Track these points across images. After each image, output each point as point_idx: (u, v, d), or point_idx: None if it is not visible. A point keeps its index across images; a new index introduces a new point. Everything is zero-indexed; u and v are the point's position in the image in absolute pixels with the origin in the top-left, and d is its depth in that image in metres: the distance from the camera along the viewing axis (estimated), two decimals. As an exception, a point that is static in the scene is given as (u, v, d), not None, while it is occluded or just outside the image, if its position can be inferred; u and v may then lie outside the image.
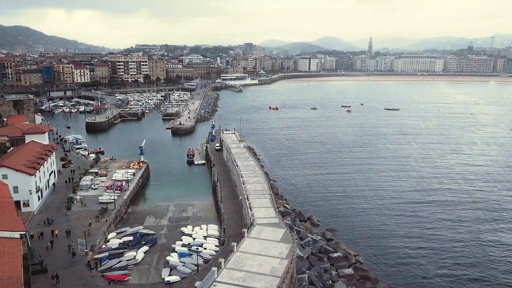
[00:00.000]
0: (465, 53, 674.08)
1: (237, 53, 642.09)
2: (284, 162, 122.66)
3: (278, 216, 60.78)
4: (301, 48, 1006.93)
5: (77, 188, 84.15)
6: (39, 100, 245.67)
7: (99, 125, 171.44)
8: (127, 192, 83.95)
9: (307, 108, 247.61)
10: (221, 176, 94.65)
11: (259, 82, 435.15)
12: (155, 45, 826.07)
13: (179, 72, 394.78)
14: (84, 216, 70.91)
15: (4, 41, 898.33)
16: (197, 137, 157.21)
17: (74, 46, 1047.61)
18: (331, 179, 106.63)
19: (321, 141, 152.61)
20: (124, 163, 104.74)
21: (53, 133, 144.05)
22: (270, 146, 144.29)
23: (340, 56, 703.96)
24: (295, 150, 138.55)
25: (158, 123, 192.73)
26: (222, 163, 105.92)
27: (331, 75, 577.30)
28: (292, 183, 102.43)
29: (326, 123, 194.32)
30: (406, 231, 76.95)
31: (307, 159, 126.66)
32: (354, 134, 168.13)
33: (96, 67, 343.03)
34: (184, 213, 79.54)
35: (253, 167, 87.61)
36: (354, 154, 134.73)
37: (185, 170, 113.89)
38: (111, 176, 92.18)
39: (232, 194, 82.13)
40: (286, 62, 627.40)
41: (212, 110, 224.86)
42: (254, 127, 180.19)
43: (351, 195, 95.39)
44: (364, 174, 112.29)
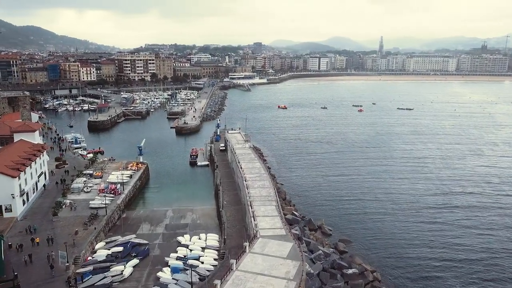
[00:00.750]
0: (478, 53, 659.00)
1: (246, 52, 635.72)
2: (293, 163, 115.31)
3: (285, 227, 53.53)
4: (311, 48, 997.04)
5: (68, 191, 77.78)
6: (43, 98, 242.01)
7: (101, 124, 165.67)
8: (122, 196, 77.33)
9: (317, 107, 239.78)
10: (225, 179, 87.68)
11: (268, 81, 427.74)
12: (165, 44, 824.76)
13: (187, 70, 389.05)
14: (72, 223, 64.40)
15: (16, 41, 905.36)
16: (202, 137, 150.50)
17: (85, 46, 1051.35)
18: (343, 182, 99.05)
19: (331, 141, 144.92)
20: (122, 164, 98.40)
21: (52, 131, 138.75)
22: (278, 146, 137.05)
23: (351, 55, 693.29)
24: (304, 150, 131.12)
25: (163, 122, 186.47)
26: (226, 165, 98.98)
27: (341, 74, 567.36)
28: (301, 186, 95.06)
29: (337, 122, 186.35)
30: (428, 240, 69.34)
31: (317, 160, 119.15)
32: (366, 134, 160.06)
33: (103, 65, 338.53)
34: (183, 220, 72.67)
35: (259, 169, 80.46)
36: (367, 155, 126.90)
37: (187, 172, 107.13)
38: (107, 178, 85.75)
39: (235, 199, 75.09)
40: (295, 61, 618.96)
41: (219, 109, 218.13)
42: (262, 127, 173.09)
43: (365, 199, 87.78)
44: (379, 177, 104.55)
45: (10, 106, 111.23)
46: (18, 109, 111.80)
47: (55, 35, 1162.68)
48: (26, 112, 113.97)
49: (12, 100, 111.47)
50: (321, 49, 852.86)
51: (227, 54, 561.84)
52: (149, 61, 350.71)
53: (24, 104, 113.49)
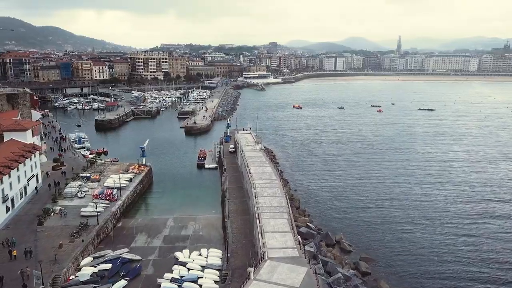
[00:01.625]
0: (501, 52, 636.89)
1: (261, 51, 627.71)
2: (307, 166, 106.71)
3: (298, 246, 45.24)
4: (327, 48, 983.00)
5: (60, 197, 70.89)
6: (54, 96, 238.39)
7: (108, 123, 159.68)
8: (118, 202, 70.04)
9: (333, 107, 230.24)
10: (233, 184, 79.79)
11: (283, 81, 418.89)
12: (180, 44, 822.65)
13: (200, 70, 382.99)
14: (58, 234, 57.30)
15: (35, 40, 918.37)
16: (212, 137, 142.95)
17: (102, 45, 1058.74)
18: (362, 188, 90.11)
19: (349, 142, 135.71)
20: (124, 166, 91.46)
21: (56, 130, 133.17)
22: (292, 147, 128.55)
23: (368, 55, 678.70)
24: (320, 152, 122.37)
25: (173, 121, 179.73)
26: (235, 168, 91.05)
27: (358, 74, 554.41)
28: (317, 193, 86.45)
29: (355, 123, 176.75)
30: (464, 257, 60.43)
31: (334, 163, 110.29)
32: (386, 135, 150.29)
33: (116, 64, 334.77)
34: (184, 230, 64.94)
35: (270, 174, 72.25)
36: (389, 158, 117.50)
37: (194, 175, 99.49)
38: (105, 182, 78.70)
39: (243, 208, 67.08)
40: (311, 61, 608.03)
41: (231, 108, 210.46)
42: (275, 127, 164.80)
43: (388, 208, 78.83)
44: (402, 182, 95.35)
45: (9, 103, 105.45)
46: (17, 106, 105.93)
47: (73, 35, 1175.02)
48: (26, 110, 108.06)
49: (11, 97, 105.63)
50: (337, 49, 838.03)
51: (242, 54, 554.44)
52: (162, 60, 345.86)
53: (24, 102, 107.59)
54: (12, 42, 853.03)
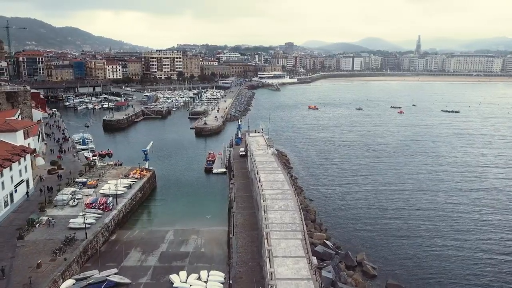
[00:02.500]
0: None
1: (276, 51, 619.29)
2: (324, 172, 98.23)
3: (314, 276, 37.15)
4: (343, 48, 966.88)
5: (49, 205, 64.24)
6: (65, 96, 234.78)
7: (116, 123, 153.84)
8: (113, 212, 63.00)
9: (351, 108, 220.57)
10: (241, 192, 72.07)
11: (299, 81, 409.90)
12: (196, 44, 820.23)
13: (215, 69, 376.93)
14: (40, 250, 50.48)
15: (54, 41, 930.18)
16: (224, 139, 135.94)
17: (120, 46, 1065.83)
18: (386, 197, 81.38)
19: (369, 146, 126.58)
20: (125, 171, 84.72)
21: (60, 130, 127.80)
22: (307, 151, 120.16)
23: (386, 55, 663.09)
24: (337, 156, 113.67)
25: (184, 122, 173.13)
26: (245, 174, 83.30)
27: (376, 74, 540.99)
28: (335, 203, 78.05)
29: (375, 125, 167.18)
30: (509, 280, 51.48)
31: (353, 169, 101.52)
32: (409, 138, 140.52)
33: (129, 63, 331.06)
34: (184, 246, 57.47)
35: (282, 183, 64.22)
36: (413, 163, 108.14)
37: (201, 181, 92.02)
38: (101, 188, 71.91)
39: (251, 222, 59.27)
40: (328, 61, 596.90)
41: (245, 109, 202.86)
42: (289, 129, 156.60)
43: (415, 220, 70.11)
44: (429, 190, 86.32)
45: (8, 102, 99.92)
46: (17, 105, 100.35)
47: (92, 35, 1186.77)
48: (26, 109, 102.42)
49: (11, 96, 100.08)
50: (354, 50, 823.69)
51: (257, 53, 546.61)
52: (176, 59, 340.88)
53: (25, 100, 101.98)
54: (33, 43, 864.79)
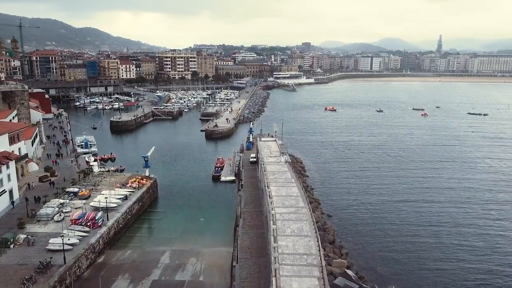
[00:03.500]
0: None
1: (293, 51, 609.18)
2: (344, 182, 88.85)
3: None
4: (361, 49, 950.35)
5: (31, 220, 56.80)
6: (77, 95, 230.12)
7: (124, 124, 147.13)
8: (102, 229, 55.15)
9: (371, 110, 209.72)
10: (250, 206, 63.43)
11: (316, 81, 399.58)
12: (213, 45, 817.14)
13: (229, 69, 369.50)
14: (8, 279, 42.78)
15: (74, 41, 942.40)
16: (235, 143, 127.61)
17: (137, 46, 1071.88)
18: (415, 211, 71.79)
19: (393, 152, 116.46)
20: (124, 178, 77.15)
21: (63, 132, 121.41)
22: (324, 157, 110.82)
23: (406, 55, 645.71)
24: (358, 163, 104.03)
25: (195, 123, 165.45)
26: (255, 184, 74.61)
27: (396, 75, 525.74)
28: (356, 219, 68.75)
29: (397, 128, 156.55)
30: None
31: (376, 178, 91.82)
32: (436, 143, 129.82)
33: (143, 63, 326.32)
34: (180, 273, 49.18)
35: (296, 199, 55.31)
36: (441, 171, 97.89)
37: (207, 190, 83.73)
38: (94, 200, 64.23)
39: (259, 245, 50.55)
40: (345, 61, 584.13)
41: (259, 110, 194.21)
42: (305, 131, 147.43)
43: (451, 241, 60.69)
44: (462, 203, 76.83)
45: (5, 102, 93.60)
46: (14, 105, 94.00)
47: (111, 36, 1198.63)
48: (24, 110, 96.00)
49: (7, 95, 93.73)
50: (372, 50, 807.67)
51: (273, 53, 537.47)
52: (190, 59, 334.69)
53: (22, 100, 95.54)
54: (53, 43, 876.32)
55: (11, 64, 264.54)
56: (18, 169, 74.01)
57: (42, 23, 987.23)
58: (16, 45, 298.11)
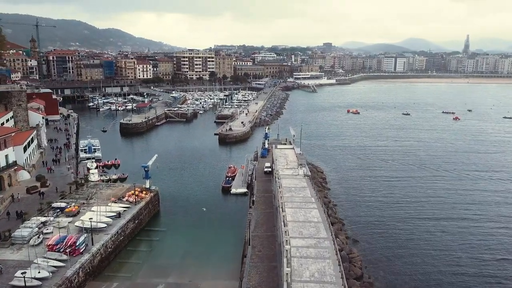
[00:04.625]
0: None
1: (314, 51, 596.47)
2: (370, 196, 78.05)
3: None
4: (384, 49, 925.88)
5: (3, 243, 48.49)
6: (91, 96, 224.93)
7: (134, 127, 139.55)
8: (84, 257, 46.33)
9: (396, 112, 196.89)
10: (261, 230, 53.69)
11: (337, 82, 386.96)
12: (233, 45, 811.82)
13: (248, 70, 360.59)
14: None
15: (97, 42, 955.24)
16: (250, 148, 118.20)
17: (159, 47, 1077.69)
18: (458, 234, 60.74)
19: (423, 160, 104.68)
20: (123, 190, 68.61)
21: (66, 135, 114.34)
22: (348, 165, 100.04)
23: (431, 56, 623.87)
24: (386, 174, 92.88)
25: (209, 126, 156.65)
26: (269, 200, 64.76)
27: (421, 76, 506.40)
28: (387, 243, 58.11)
29: (427, 133, 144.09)
30: None
31: (406, 191, 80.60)
32: (471, 150, 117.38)
33: (160, 62, 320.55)
34: (171, 318, 39.94)
35: (317, 227, 45.22)
36: (481, 184, 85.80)
37: (215, 204, 74.15)
38: (80, 219, 55.66)
39: (270, 284, 40.75)
40: (368, 62, 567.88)
41: (277, 112, 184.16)
42: (326, 136, 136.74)
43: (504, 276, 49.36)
44: None
45: (1, 103, 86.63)
46: (11, 107, 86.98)
47: (133, 37, 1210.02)
48: (21, 112, 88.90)
49: (3, 96, 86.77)
50: (395, 51, 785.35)
51: (294, 53, 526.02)
52: (208, 59, 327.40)
53: (19, 102, 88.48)
54: (76, 44, 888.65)
55: (27, 63, 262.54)
56: (4, 178, 66.53)
57: (67, 24, 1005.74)
58: (34, 45, 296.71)
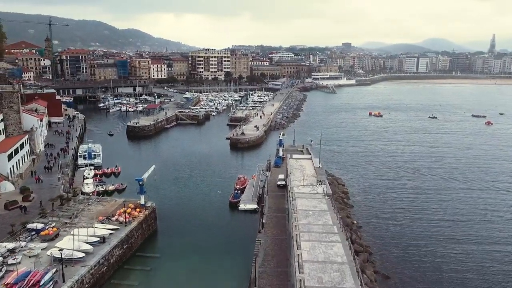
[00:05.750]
0: None
1: (333, 51, 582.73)
2: (399, 213, 67.33)
3: None
4: (404, 49, 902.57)
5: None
6: (103, 96, 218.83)
7: (141, 130, 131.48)
8: (50, 299, 37.48)
9: (422, 116, 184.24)
10: (271, 263, 43.95)
11: (357, 83, 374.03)
12: (251, 45, 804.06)
13: (265, 70, 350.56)
14: None
15: (116, 42, 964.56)
16: (264, 154, 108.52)
17: (177, 47, 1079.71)
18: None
19: (457, 170, 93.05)
20: (115, 207, 59.87)
21: (66, 139, 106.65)
22: (372, 176, 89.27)
23: (455, 56, 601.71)
24: (416, 186, 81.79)
25: (222, 129, 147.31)
26: (282, 222, 54.87)
27: (445, 77, 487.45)
28: (424, 277, 47.69)
29: (458, 139, 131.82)
30: None
31: (444, 207, 69.68)
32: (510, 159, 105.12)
33: (175, 62, 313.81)
34: None
35: (341, 269, 35.12)
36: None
37: (220, 223, 64.61)
38: (56, 244, 46.95)
39: None
40: (389, 62, 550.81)
41: (294, 114, 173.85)
42: (347, 141, 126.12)
43: None
44: None
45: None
46: (1, 109, 79.50)
47: (152, 37, 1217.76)
48: (13, 114, 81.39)
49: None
50: (416, 51, 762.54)
51: (312, 53, 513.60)
52: (224, 59, 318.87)
53: (11, 103, 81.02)
54: (96, 44, 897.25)
55: (40, 63, 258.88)
56: (-20, 192, 58.53)
57: (88, 24, 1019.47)
58: (49, 44, 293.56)
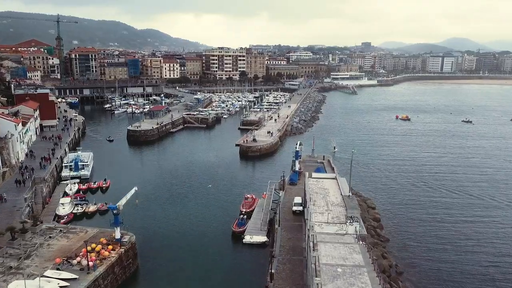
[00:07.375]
0: None
1: (352, 51, 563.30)
2: (451, 249, 52.19)
3: None
4: (424, 49, 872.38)
5: None
6: (111, 96, 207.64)
7: (143, 134, 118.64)
8: None
9: (455, 119, 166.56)
10: None
11: (378, 83, 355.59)
12: (268, 45, 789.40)
13: (282, 69, 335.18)
14: None
15: (135, 42, 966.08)
16: (278, 164, 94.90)
17: (195, 47, 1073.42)
18: None
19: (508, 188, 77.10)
20: (84, 239, 46.54)
21: (54, 145, 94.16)
22: (408, 195, 73.82)
23: (482, 55, 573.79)
24: (463, 209, 66.27)
25: (232, 134, 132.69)
26: (298, 271, 40.35)
27: (472, 77, 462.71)
28: None
29: (502, 149, 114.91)
30: None
31: (501, 243, 54.27)
32: None
33: (188, 61, 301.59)
34: None
35: None
36: None
37: (220, 263, 50.15)
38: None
39: None
40: (411, 62, 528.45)
41: (312, 117, 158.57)
42: (372, 149, 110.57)
43: None
44: None
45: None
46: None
47: (170, 37, 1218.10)
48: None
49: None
50: (437, 51, 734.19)
51: (331, 52, 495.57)
52: (239, 58, 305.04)
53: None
54: (115, 44, 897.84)
55: (48, 62, 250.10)
56: None
57: (107, 25, 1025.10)
58: (59, 42, 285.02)
